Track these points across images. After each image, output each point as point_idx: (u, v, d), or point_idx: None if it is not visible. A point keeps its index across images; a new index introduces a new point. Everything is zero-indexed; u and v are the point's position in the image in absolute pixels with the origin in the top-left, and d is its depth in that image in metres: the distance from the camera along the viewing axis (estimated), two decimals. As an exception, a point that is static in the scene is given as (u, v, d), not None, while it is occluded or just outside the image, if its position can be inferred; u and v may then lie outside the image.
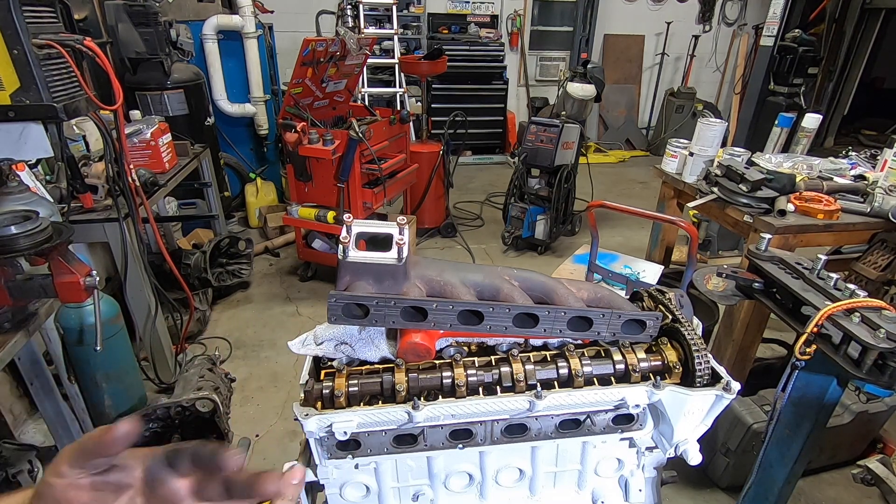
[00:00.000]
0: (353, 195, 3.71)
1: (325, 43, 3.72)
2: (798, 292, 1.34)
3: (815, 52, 4.32)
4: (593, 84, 4.47)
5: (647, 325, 0.95)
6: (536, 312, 0.91)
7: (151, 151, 3.02)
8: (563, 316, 0.92)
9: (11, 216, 1.46)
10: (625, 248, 4.25)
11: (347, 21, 5.29)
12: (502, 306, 0.90)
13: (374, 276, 0.89)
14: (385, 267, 0.89)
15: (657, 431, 1.02)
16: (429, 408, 0.87)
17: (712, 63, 8.86)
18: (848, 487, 2.43)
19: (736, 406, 2.24)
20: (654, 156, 8.20)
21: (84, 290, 1.53)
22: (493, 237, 5.14)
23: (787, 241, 2.30)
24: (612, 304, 0.97)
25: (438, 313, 0.89)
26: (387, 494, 1.07)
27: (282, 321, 3.69)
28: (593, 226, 2.70)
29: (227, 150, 5.10)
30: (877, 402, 2.30)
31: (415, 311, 0.89)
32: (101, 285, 2.16)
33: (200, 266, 3.54)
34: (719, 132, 2.75)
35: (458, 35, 7.59)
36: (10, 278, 1.51)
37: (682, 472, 2.21)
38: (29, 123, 1.81)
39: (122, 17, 3.67)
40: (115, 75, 2.09)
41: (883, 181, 2.41)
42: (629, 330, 0.96)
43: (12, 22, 1.68)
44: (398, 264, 0.88)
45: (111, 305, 2.35)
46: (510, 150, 7.72)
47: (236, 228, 5.12)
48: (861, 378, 1.19)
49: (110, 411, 2.40)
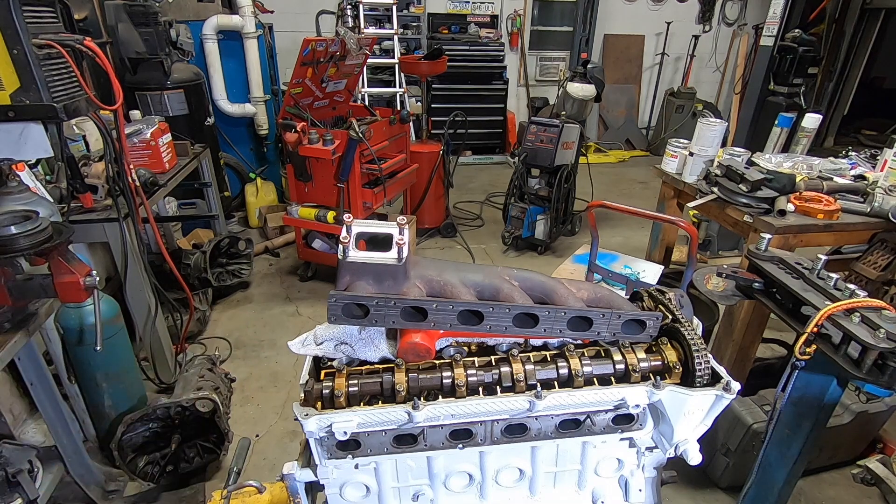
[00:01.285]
0: (353, 195, 3.71)
1: (325, 43, 3.72)
2: (798, 292, 1.34)
3: (815, 52, 4.32)
4: (593, 84, 4.47)
5: (647, 325, 0.95)
6: (536, 312, 0.91)
7: (151, 151, 3.02)
8: (563, 316, 0.92)
9: (11, 216, 1.46)
10: (625, 248, 4.25)
11: (347, 21, 5.30)
12: (502, 306, 0.90)
13: (374, 276, 0.89)
14: (385, 267, 0.89)
15: (657, 431, 1.02)
16: (429, 408, 0.87)
17: (712, 63, 8.86)
18: (848, 487, 2.43)
19: (736, 406, 2.24)
20: (654, 156, 8.21)
21: (84, 290, 1.53)
22: (493, 237, 5.14)
23: (787, 241, 2.30)
24: (612, 304, 0.97)
25: (438, 313, 0.89)
26: (387, 494, 1.07)
27: (282, 321, 3.69)
28: (593, 226, 2.70)
29: (227, 150, 5.10)
30: (877, 402, 2.30)
31: (415, 311, 0.90)
32: (101, 285, 2.16)
33: (200, 266, 3.54)
34: (719, 132, 2.75)
35: (458, 35, 7.59)
36: (10, 278, 1.51)
37: (682, 472, 2.21)
38: (29, 123, 1.81)
39: (122, 17, 3.67)
40: (115, 75, 2.09)
41: (883, 181, 2.41)
42: (629, 330, 0.96)
43: (12, 22, 1.68)
44: (398, 264, 0.88)
45: (111, 305, 2.35)
46: (510, 150, 7.72)
47: (236, 228, 5.12)
48: (861, 378, 1.19)
49: (110, 411, 2.40)
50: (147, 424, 2.30)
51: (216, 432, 2.37)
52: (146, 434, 2.30)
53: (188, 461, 2.37)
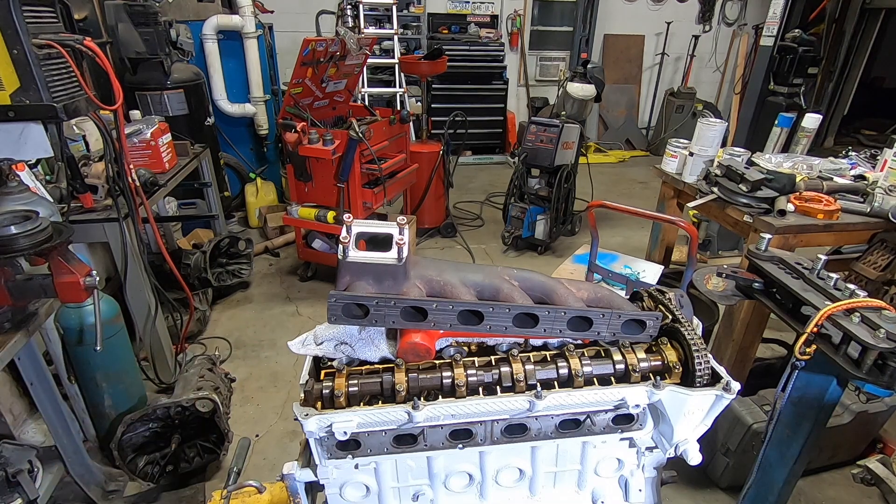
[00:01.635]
0: (353, 195, 3.71)
1: (325, 43, 3.72)
2: (798, 292, 1.34)
3: (815, 52, 4.32)
4: (593, 84, 4.46)
5: (646, 325, 0.95)
6: (536, 312, 0.91)
7: (151, 151, 3.02)
8: (562, 316, 0.92)
9: (11, 216, 1.46)
10: (625, 248, 4.24)
11: (347, 21, 5.29)
12: (502, 306, 0.90)
13: (374, 276, 0.89)
14: (385, 267, 0.89)
15: (657, 431, 1.02)
16: (429, 408, 0.87)
17: (712, 63, 8.86)
18: (848, 487, 2.43)
19: (736, 406, 2.24)
20: (654, 156, 8.20)
21: (84, 290, 1.53)
22: (493, 237, 5.14)
23: (787, 241, 2.30)
24: (611, 304, 0.97)
25: (438, 313, 0.89)
26: (387, 494, 1.07)
27: (282, 321, 3.69)
28: (593, 226, 2.70)
29: (227, 150, 5.10)
30: (877, 402, 2.30)
31: (415, 312, 0.89)
32: (101, 285, 2.16)
33: (200, 266, 3.54)
34: (719, 132, 2.75)
35: (458, 35, 7.59)
36: (10, 278, 1.51)
37: (682, 472, 2.21)
38: (29, 123, 1.81)
39: (122, 17, 3.67)
40: (115, 75, 2.09)
41: (883, 181, 2.41)
42: (629, 330, 0.96)
43: (12, 22, 1.68)
44: (398, 264, 0.88)
45: (111, 305, 2.35)
46: (510, 150, 7.72)
47: (236, 228, 5.12)
48: (861, 378, 1.19)
49: (110, 411, 2.40)
50: (147, 424, 2.30)
51: (216, 432, 2.37)
52: (146, 434, 2.30)
53: (188, 461, 2.37)
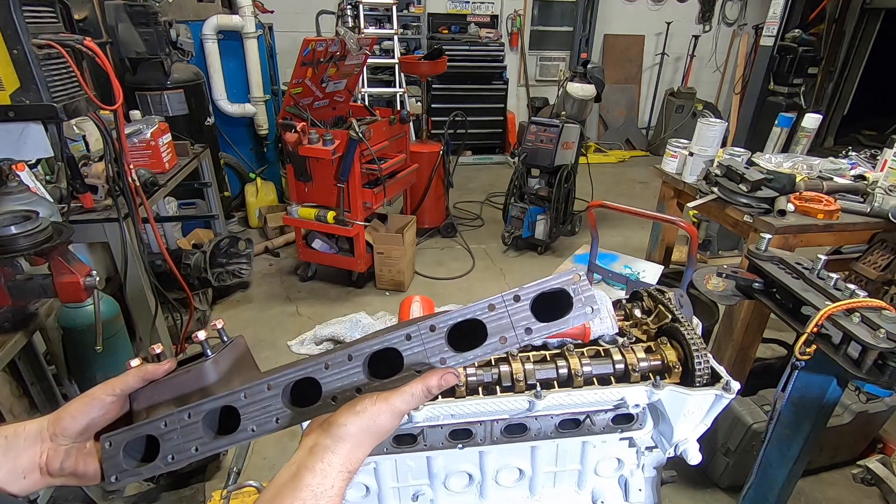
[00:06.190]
0: (353, 195, 3.71)
1: (325, 43, 3.72)
2: (798, 292, 1.34)
3: (815, 52, 4.32)
4: (593, 84, 4.46)
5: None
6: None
7: (151, 151, 3.02)
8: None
9: (11, 216, 1.46)
10: (625, 248, 4.24)
11: (347, 21, 5.29)
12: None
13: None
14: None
15: (657, 431, 1.02)
16: (428, 407, 0.87)
17: (712, 63, 8.86)
18: (848, 487, 2.43)
19: (736, 406, 2.24)
20: (654, 156, 8.20)
21: (84, 290, 1.53)
22: (493, 237, 5.14)
23: (787, 241, 2.30)
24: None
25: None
26: (386, 494, 1.07)
27: (282, 321, 3.69)
28: (593, 226, 2.70)
29: (227, 150, 5.10)
30: (877, 402, 2.30)
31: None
32: (101, 285, 2.16)
33: (200, 266, 3.54)
34: (719, 132, 2.75)
35: (458, 35, 7.59)
36: (10, 278, 1.51)
37: (682, 472, 2.21)
38: (29, 123, 1.81)
39: (122, 17, 3.67)
40: (115, 75, 2.09)
41: (883, 181, 2.41)
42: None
43: (12, 22, 1.68)
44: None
45: (111, 305, 2.35)
46: (510, 150, 7.71)
47: (236, 228, 5.12)
48: (861, 378, 1.19)
49: (110, 411, 2.40)
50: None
51: (216, 432, 2.36)
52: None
53: (188, 461, 2.37)
